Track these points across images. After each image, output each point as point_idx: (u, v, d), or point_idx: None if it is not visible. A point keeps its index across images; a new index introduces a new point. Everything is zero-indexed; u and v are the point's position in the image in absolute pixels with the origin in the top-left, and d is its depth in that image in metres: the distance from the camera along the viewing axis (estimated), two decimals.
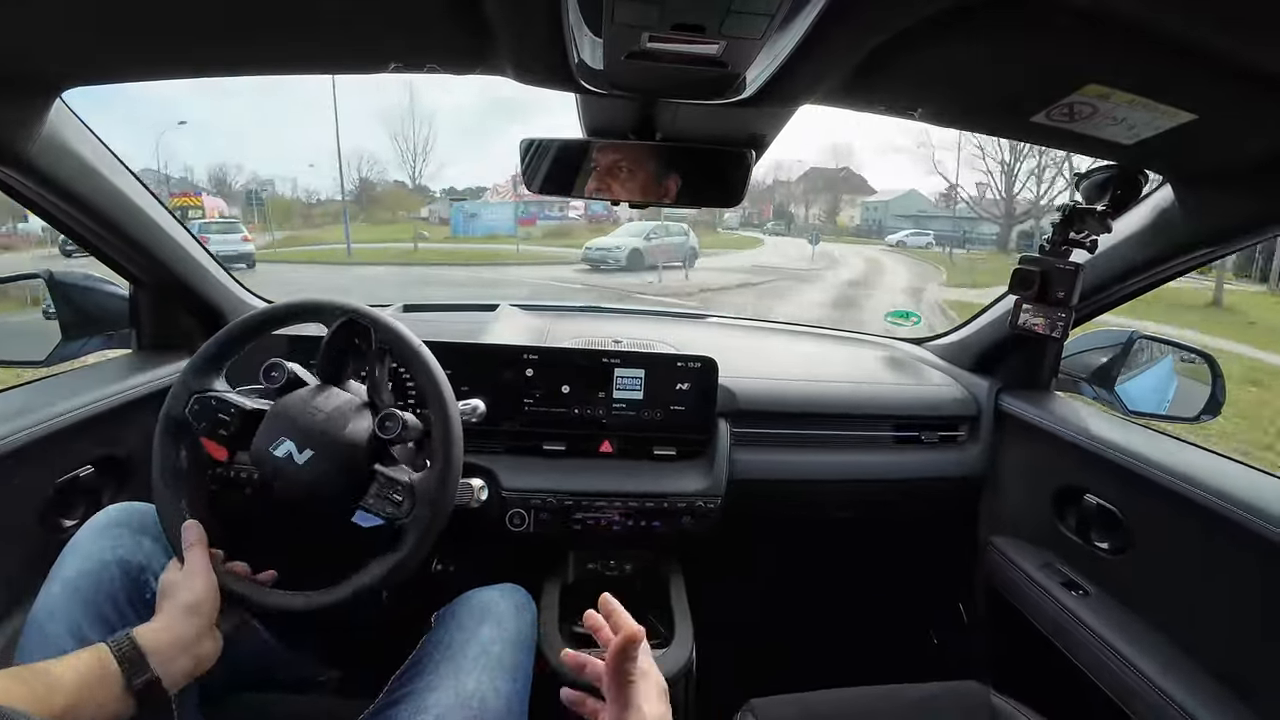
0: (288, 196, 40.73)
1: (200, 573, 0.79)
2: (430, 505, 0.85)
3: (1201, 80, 0.67)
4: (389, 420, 0.88)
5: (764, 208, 41.88)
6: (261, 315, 0.93)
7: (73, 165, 0.98)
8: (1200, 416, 1.19)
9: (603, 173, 1.01)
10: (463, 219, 28.42)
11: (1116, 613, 1.11)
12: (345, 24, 0.74)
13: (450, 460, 0.87)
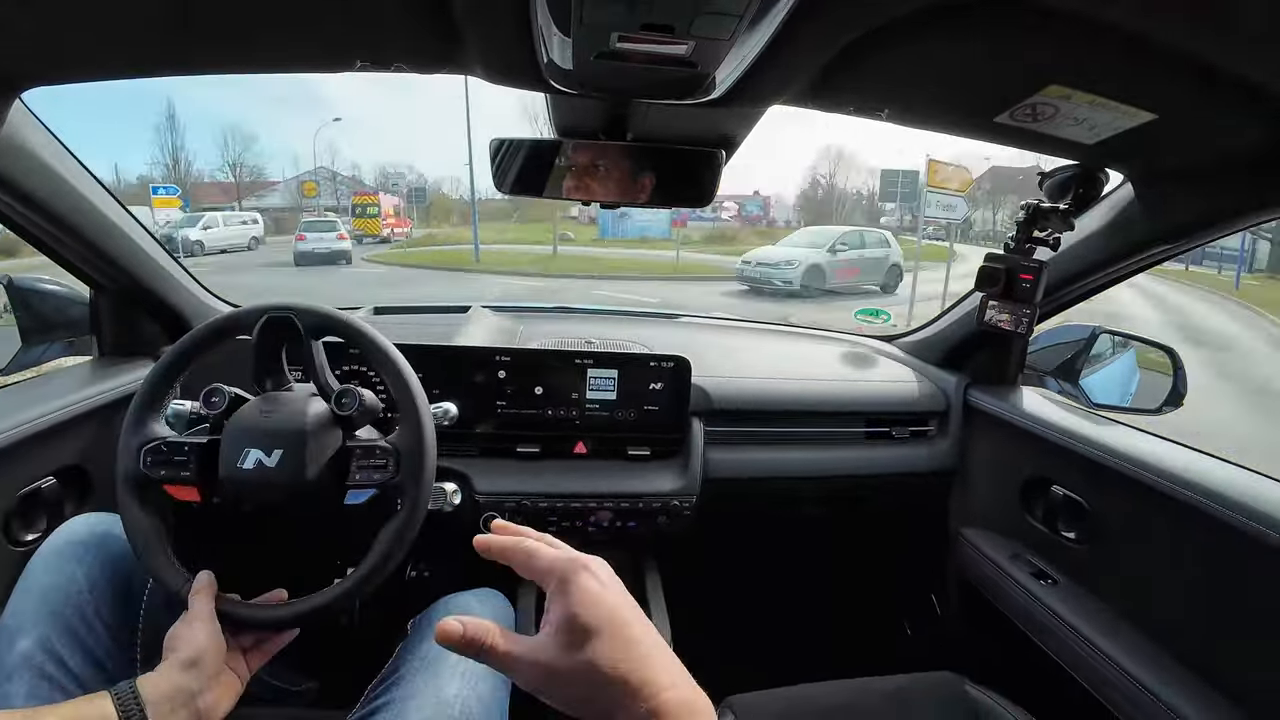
0: (451, 195, 40.34)
1: (202, 623, 0.77)
2: (416, 457, 0.85)
3: (1161, 81, 0.69)
4: (344, 396, 0.88)
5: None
6: (179, 348, 0.91)
7: (31, 168, 0.95)
8: (1163, 408, 1.22)
9: (574, 173, 1.01)
10: (612, 219, 25.92)
11: (1084, 600, 1.14)
12: (309, 22, 0.73)
13: (419, 411, 0.87)
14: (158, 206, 16.20)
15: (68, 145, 1.02)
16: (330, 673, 1.16)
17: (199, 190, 32.41)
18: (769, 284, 12.62)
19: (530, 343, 1.43)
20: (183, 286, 1.32)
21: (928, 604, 1.59)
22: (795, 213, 41.89)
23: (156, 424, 0.88)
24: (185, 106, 45.49)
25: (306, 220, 18.63)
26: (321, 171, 36.86)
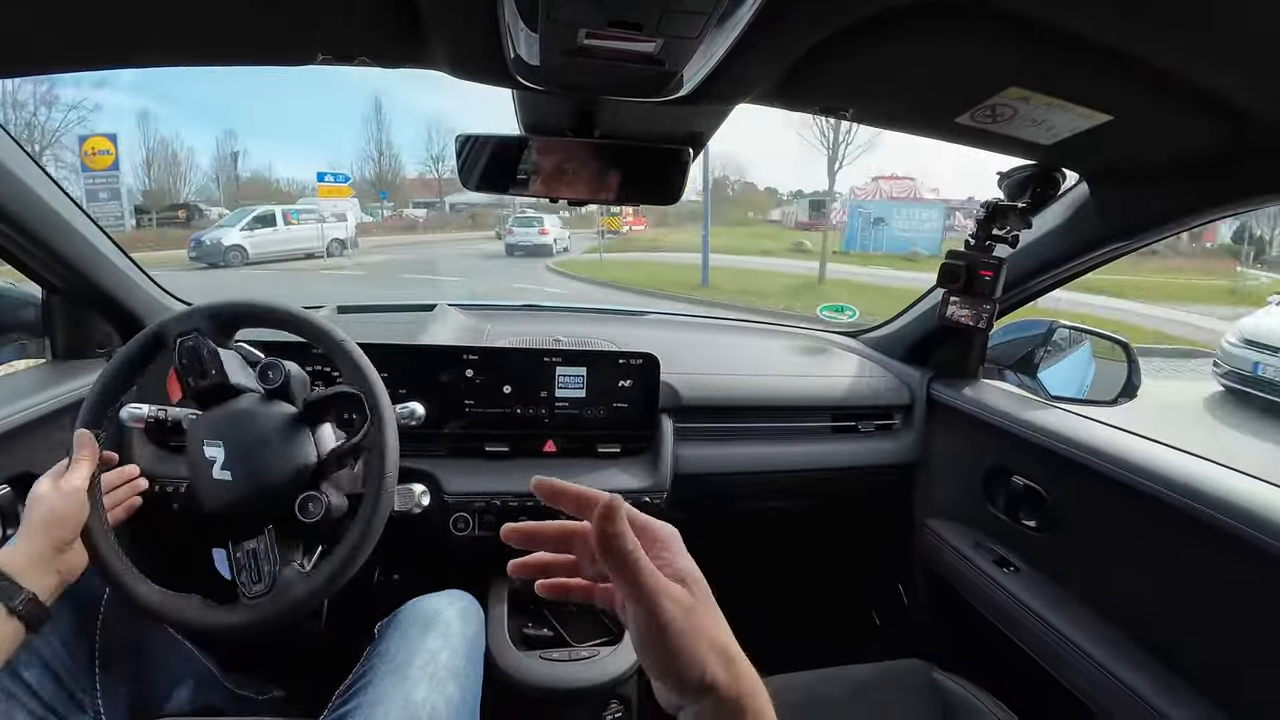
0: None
1: (75, 488, 0.78)
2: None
3: (1117, 84, 0.71)
4: (270, 370, 0.92)
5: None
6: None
7: None
8: (1117, 399, 1.26)
9: (540, 170, 1.00)
10: (861, 225, 20.04)
11: (1045, 587, 1.17)
12: (266, 14, 0.71)
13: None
14: (323, 196, 15.06)
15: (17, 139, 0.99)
16: (296, 680, 1.15)
17: (405, 185, 32.43)
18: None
19: (498, 341, 1.42)
20: (138, 286, 1.28)
21: (895, 594, 1.62)
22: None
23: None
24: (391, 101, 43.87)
25: (516, 217, 20.00)
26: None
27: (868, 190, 32.57)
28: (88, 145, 14.61)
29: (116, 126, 30.66)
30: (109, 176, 14.66)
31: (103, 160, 14.46)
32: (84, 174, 14.36)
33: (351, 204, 23.81)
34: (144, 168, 25.36)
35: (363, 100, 41.31)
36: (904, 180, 32.67)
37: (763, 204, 36.80)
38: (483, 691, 0.96)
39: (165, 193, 25.21)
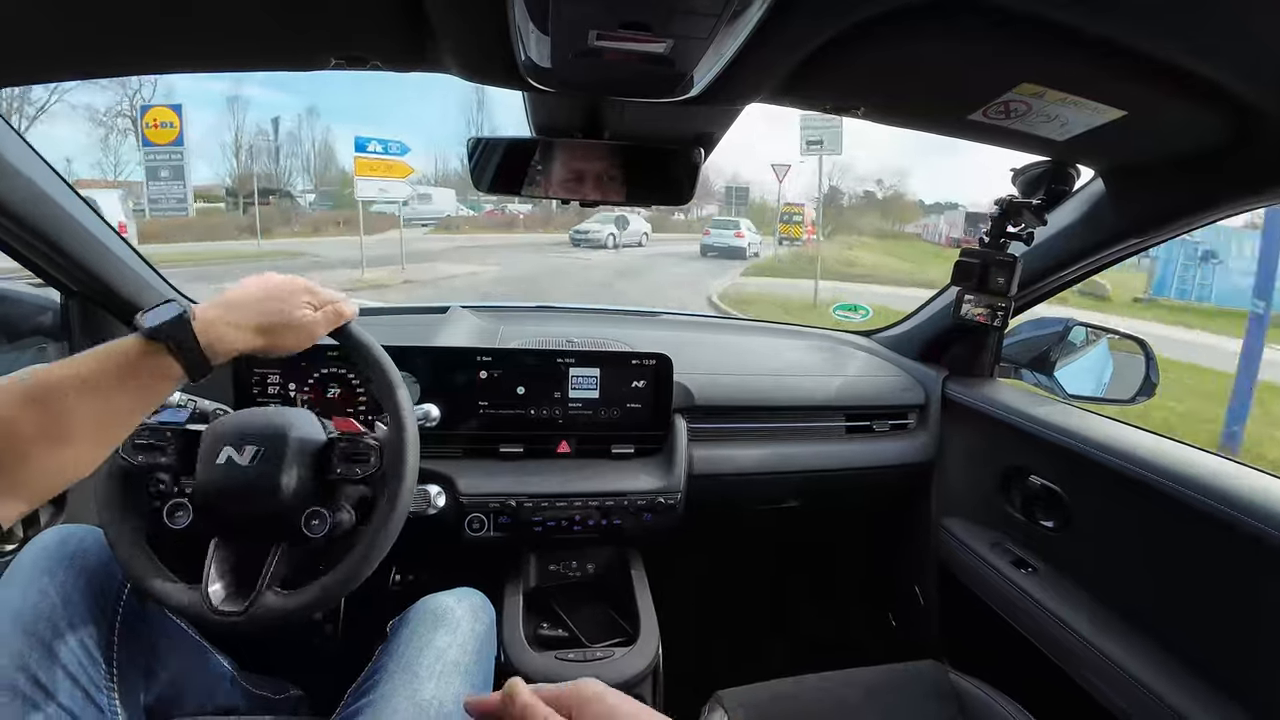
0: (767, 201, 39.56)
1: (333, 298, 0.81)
2: (398, 450, 0.86)
3: (1130, 79, 0.70)
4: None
5: None
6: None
7: None
8: (1136, 397, 1.25)
9: (551, 172, 1.01)
10: (1182, 258, 13.07)
11: (1064, 587, 1.16)
12: (281, 20, 0.72)
13: (400, 406, 0.88)
14: (363, 175, 10.98)
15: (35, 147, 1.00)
16: (313, 680, 1.15)
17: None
18: None
19: (511, 343, 1.43)
20: (152, 288, 1.30)
21: (911, 594, 1.60)
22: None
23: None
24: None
25: (715, 219, 21.01)
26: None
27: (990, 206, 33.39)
28: (150, 116, 13.12)
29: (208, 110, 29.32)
30: (172, 151, 13.00)
31: (166, 134, 12.91)
32: (145, 148, 13.00)
33: (447, 195, 22.23)
34: (232, 149, 24.01)
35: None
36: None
37: (909, 214, 34.64)
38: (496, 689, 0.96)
39: (255, 177, 24.01)
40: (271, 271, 0.80)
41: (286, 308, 0.74)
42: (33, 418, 0.55)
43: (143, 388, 0.63)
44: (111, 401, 0.61)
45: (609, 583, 1.32)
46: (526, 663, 1.07)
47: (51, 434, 0.56)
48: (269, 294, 0.75)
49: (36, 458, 0.55)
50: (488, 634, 0.98)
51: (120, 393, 0.61)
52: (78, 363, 0.60)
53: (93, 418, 0.59)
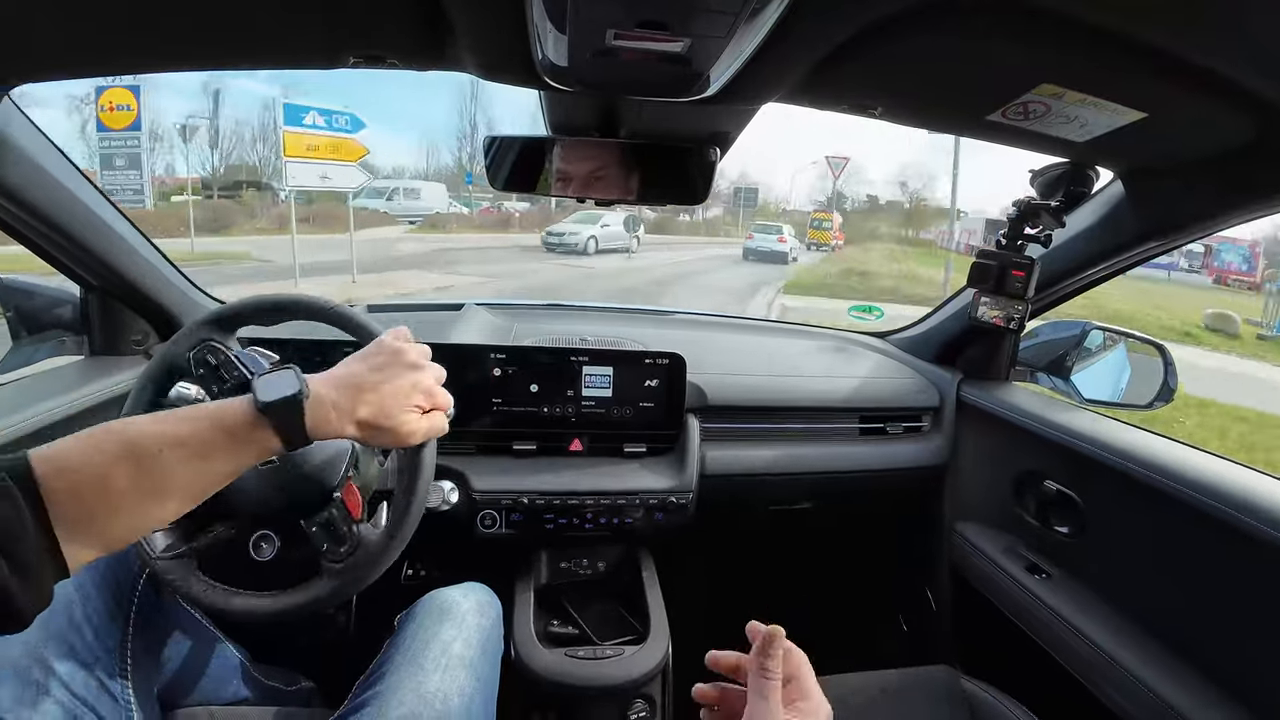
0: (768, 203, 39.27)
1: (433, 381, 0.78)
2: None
3: (1151, 80, 0.70)
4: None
5: None
6: (285, 300, 0.93)
7: (18, 164, 0.94)
8: (1153, 403, 1.24)
9: (567, 170, 1.01)
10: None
11: (1078, 594, 1.15)
12: (299, 18, 0.73)
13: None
14: (293, 156, 8.81)
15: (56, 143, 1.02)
16: (324, 672, 1.16)
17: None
18: None
19: (525, 340, 1.43)
20: (172, 284, 1.31)
21: (923, 598, 1.60)
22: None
23: (229, 339, 0.92)
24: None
25: (757, 224, 21.93)
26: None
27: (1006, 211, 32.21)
28: (105, 98, 10.99)
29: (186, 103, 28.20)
30: (128, 137, 11.25)
31: (122, 118, 11.07)
32: (100, 134, 11.21)
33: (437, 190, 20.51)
34: (211, 138, 23.36)
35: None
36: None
37: (925, 220, 34.03)
38: (507, 687, 0.97)
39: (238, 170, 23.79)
40: (395, 335, 0.78)
41: (394, 408, 0.70)
42: (128, 474, 0.55)
43: (241, 455, 0.62)
44: (209, 465, 0.60)
45: (619, 581, 1.32)
46: (537, 659, 1.08)
47: (145, 491, 0.56)
48: (384, 386, 0.71)
49: (126, 512, 0.55)
50: (493, 628, 0.98)
51: (219, 459, 0.61)
52: (179, 422, 0.60)
53: (188, 479, 0.59)
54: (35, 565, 0.50)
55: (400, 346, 0.74)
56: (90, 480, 0.53)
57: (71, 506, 0.52)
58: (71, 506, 0.52)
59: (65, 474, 0.52)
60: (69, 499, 0.52)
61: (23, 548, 0.49)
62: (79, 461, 0.54)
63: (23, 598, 0.49)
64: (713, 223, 35.18)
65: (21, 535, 0.49)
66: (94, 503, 0.53)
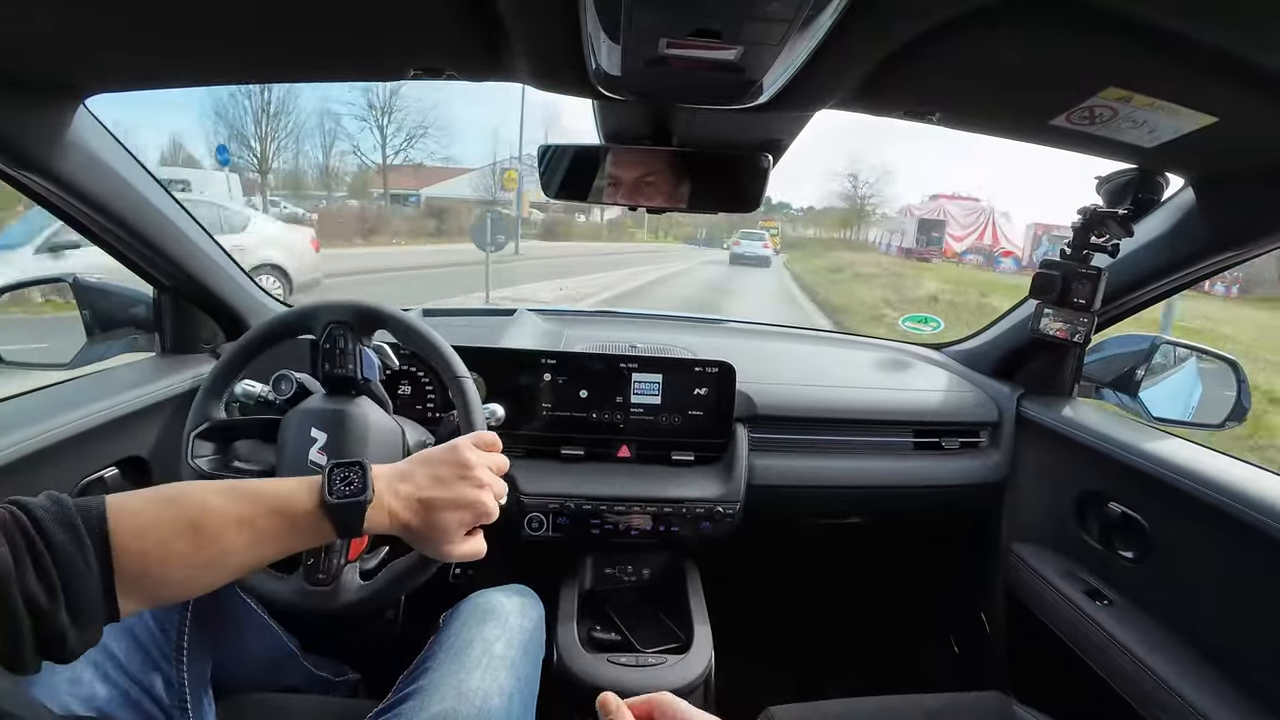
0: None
1: (496, 472, 0.80)
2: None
3: (1222, 84, 0.67)
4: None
5: None
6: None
7: (96, 171, 0.99)
8: (1226, 423, 1.18)
9: (619, 178, 1.02)
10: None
11: (1141, 622, 1.09)
12: (364, 32, 0.75)
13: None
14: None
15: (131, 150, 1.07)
16: (371, 665, 1.19)
17: (391, 174, 27.64)
18: None
19: (575, 346, 1.44)
20: (241, 288, 1.37)
21: (975, 620, 1.55)
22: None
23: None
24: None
25: (743, 231, 22.45)
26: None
27: (926, 210, 29.39)
28: None
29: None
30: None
31: None
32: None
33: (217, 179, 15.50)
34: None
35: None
36: (968, 201, 29.47)
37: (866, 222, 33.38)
38: (548, 690, 0.97)
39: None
40: (476, 441, 0.80)
41: (443, 525, 0.72)
42: (190, 546, 0.58)
43: (297, 542, 0.66)
44: (264, 548, 0.63)
45: (664, 589, 1.32)
46: (578, 663, 1.08)
47: (201, 563, 0.59)
48: (439, 501, 0.72)
49: (178, 577, 0.59)
50: (535, 630, 0.99)
51: (275, 544, 0.64)
52: (246, 503, 0.62)
53: (241, 557, 0.62)
54: (90, 612, 0.53)
55: (469, 460, 0.75)
56: (156, 544, 0.57)
57: (134, 563, 0.55)
58: (134, 563, 0.55)
59: (137, 533, 0.56)
60: (134, 557, 0.55)
61: (83, 596, 0.52)
62: (151, 521, 0.57)
63: (74, 639, 0.53)
64: (615, 225, 33.46)
65: (84, 584, 0.52)
66: (154, 563, 0.57)
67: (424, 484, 0.72)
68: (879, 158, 33.35)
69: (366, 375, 0.93)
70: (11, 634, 0.49)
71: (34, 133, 0.87)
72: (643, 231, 32.26)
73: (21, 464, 0.87)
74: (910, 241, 28.59)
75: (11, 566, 0.49)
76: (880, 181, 34.32)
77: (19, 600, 0.49)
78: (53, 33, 0.71)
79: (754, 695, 1.11)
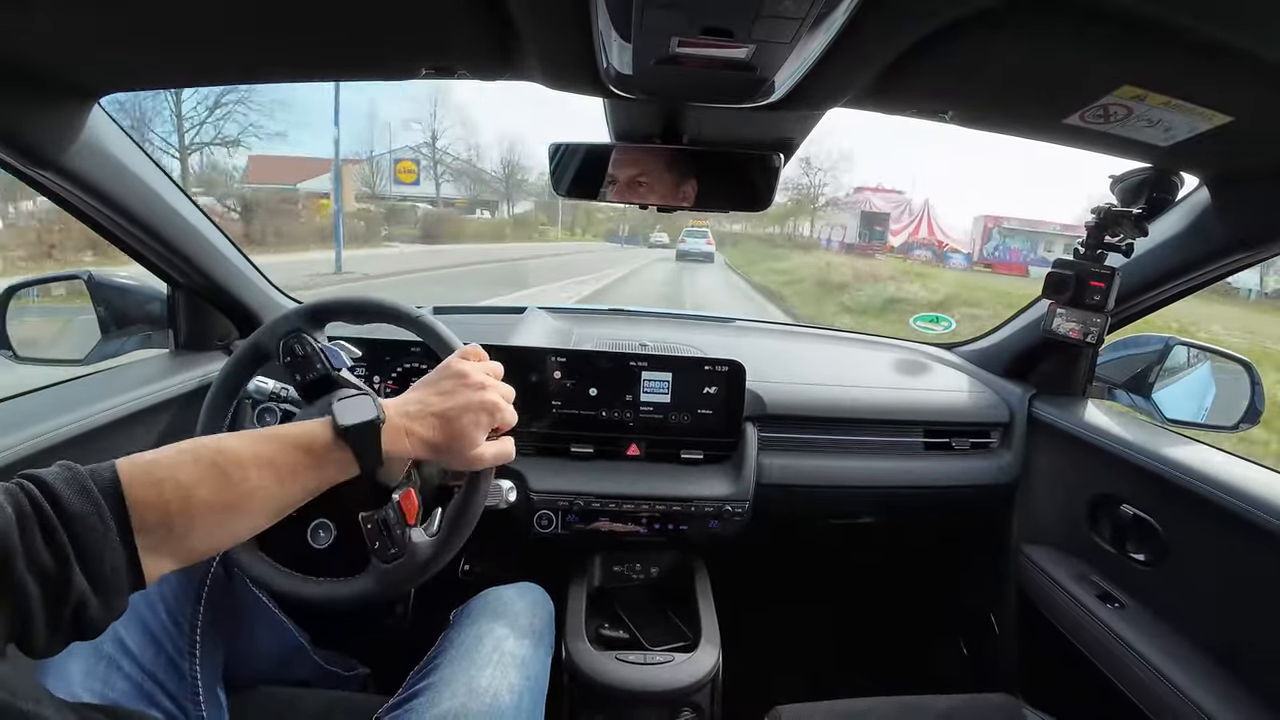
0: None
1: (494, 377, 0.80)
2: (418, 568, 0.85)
3: (1238, 82, 0.66)
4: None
5: None
6: (374, 303, 0.96)
7: (110, 169, 1.00)
8: (1239, 425, 1.17)
9: (630, 177, 1.02)
10: None
11: (1153, 626, 1.09)
12: (376, 31, 0.75)
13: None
14: None
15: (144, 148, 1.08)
16: (381, 660, 1.20)
17: (256, 165, 24.59)
18: None
19: (585, 344, 1.44)
20: (254, 284, 1.38)
21: (985, 622, 1.54)
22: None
23: (318, 332, 0.94)
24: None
25: (688, 229, 21.85)
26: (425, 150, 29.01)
27: (850, 202, 28.44)
28: None
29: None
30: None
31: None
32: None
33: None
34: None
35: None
36: (893, 194, 28.36)
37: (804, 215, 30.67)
38: (557, 687, 0.98)
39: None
40: (464, 354, 0.81)
41: (461, 431, 0.73)
42: (214, 488, 0.57)
43: (320, 476, 0.66)
44: (289, 485, 0.63)
45: (672, 587, 1.32)
46: (587, 661, 1.08)
47: (227, 506, 0.58)
48: (450, 410, 0.73)
49: (206, 525, 0.57)
50: (546, 628, 1.00)
51: (299, 479, 0.64)
52: (263, 442, 0.62)
53: (267, 497, 0.61)
54: (113, 580, 0.51)
55: (464, 369, 0.77)
56: (176, 490, 0.55)
57: (154, 516, 0.53)
58: (154, 516, 0.53)
59: (153, 484, 0.54)
60: (153, 509, 0.53)
61: (102, 559, 0.50)
62: (167, 471, 0.56)
63: (98, 612, 0.50)
64: (523, 221, 29.80)
65: (102, 545, 0.50)
66: (176, 514, 0.55)
67: (431, 400, 0.73)
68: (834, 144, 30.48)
69: (335, 365, 0.92)
70: (20, 608, 0.46)
71: (49, 131, 0.88)
72: (556, 229, 30.23)
73: (36, 459, 0.88)
74: (853, 236, 27.56)
75: (14, 530, 0.46)
76: (836, 169, 31.44)
77: (24, 571, 0.46)
78: (65, 31, 0.72)
79: (762, 694, 1.11)
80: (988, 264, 25.21)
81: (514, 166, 30.63)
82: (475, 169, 30.42)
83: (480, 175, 30.31)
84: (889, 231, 27.79)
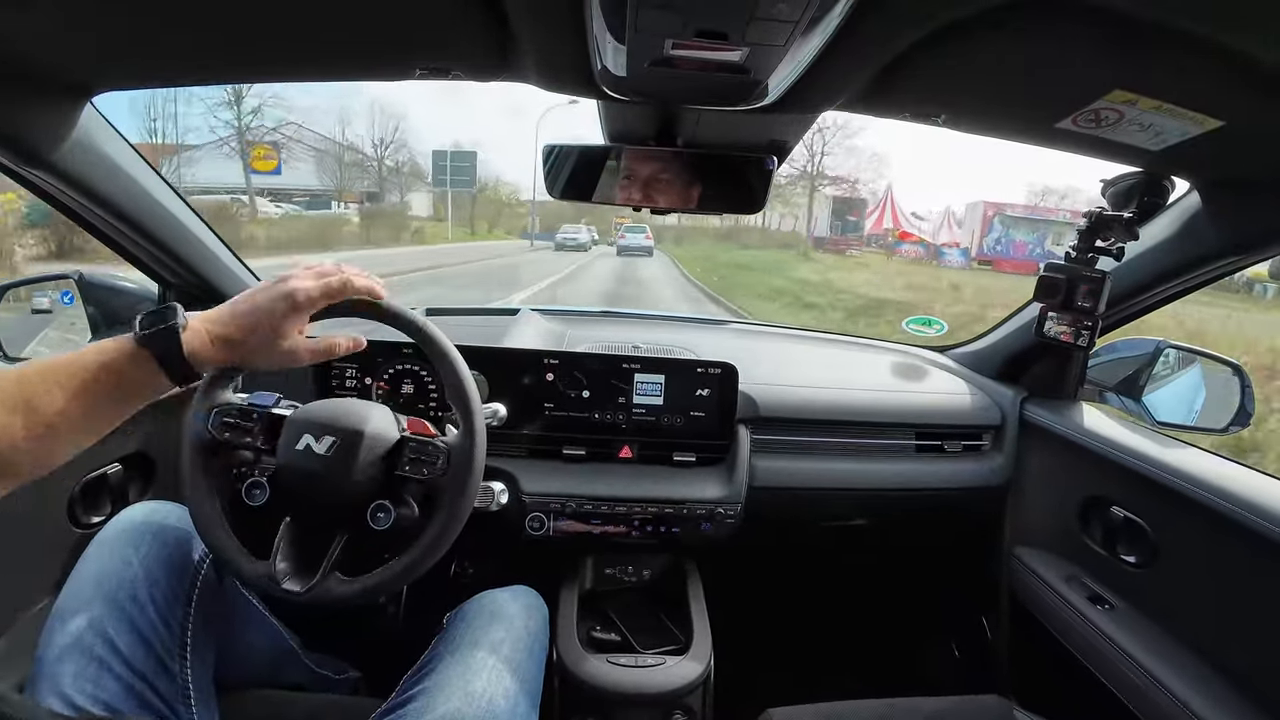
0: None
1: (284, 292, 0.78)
2: (466, 457, 0.87)
3: (1229, 87, 0.67)
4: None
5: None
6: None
7: (102, 168, 1.00)
8: (1229, 427, 1.17)
9: (624, 179, 1.02)
10: None
11: (1144, 628, 1.09)
12: (372, 31, 0.75)
13: (472, 412, 0.89)
14: None
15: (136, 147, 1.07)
16: (372, 663, 1.19)
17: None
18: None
19: (578, 346, 1.44)
20: (244, 284, 1.37)
21: (977, 624, 1.54)
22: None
23: (226, 394, 0.90)
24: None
25: (627, 225, 20.93)
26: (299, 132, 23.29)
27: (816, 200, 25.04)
28: None
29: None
30: None
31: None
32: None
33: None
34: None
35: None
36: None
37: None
38: (549, 690, 0.97)
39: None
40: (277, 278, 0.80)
41: (258, 320, 0.74)
42: (21, 419, 0.60)
43: (127, 389, 0.68)
44: (96, 401, 0.66)
45: (664, 590, 1.32)
46: (578, 664, 1.08)
47: (40, 432, 0.61)
48: (247, 305, 0.75)
49: (26, 450, 0.61)
50: (540, 632, 0.99)
51: (105, 395, 0.66)
52: (66, 362, 0.65)
53: (78, 415, 0.64)
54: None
55: (282, 275, 0.78)
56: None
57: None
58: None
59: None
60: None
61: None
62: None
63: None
64: (383, 215, 23.60)
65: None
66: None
67: (238, 301, 0.76)
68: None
69: (266, 405, 0.91)
70: None
71: (42, 130, 0.87)
72: (446, 225, 23.84)
73: None
74: (824, 228, 23.85)
75: None
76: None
77: None
78: (60, 29, 0.72)
79: (754, 697, 1.11)
80: (988, 260, 22.02)
81: (394, 146, 25.20)
82: (351, 149, 24.89)
83: (361, 161, 24.64)
84: (864, 221, 24.25)
